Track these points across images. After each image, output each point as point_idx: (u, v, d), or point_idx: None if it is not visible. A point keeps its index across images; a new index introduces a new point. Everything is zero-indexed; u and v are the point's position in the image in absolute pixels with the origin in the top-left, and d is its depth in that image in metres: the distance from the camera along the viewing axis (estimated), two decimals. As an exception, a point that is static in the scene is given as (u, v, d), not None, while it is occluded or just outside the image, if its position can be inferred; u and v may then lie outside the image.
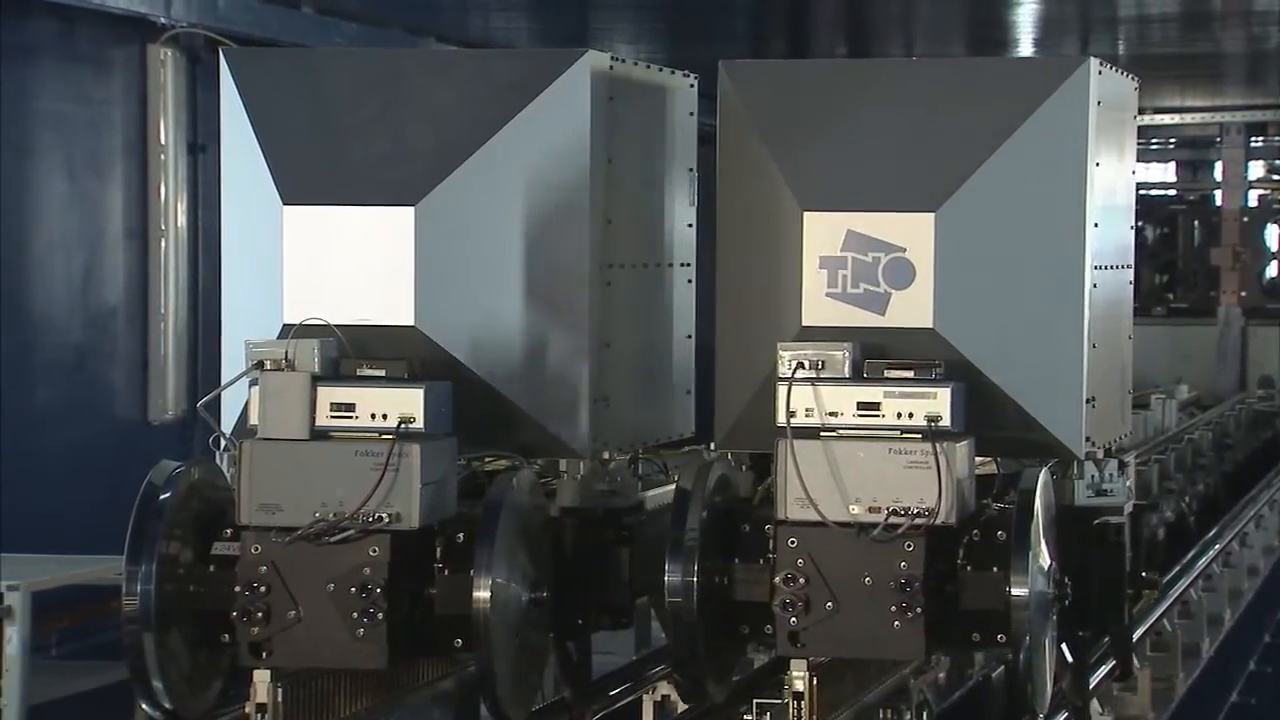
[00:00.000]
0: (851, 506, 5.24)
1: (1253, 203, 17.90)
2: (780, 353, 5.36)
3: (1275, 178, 18.36)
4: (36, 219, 9.37)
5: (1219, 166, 18.04)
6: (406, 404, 5.29)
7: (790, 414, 5.28)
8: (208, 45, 9.77)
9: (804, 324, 5.56)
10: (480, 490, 5.54)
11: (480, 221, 5.62)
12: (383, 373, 5.39)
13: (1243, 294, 17.31)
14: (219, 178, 5.87)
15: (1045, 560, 5.41)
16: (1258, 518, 11.43)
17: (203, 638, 5.38)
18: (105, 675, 7.70)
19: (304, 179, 5.65)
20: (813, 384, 5.32)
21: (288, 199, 5.64)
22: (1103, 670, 6.54)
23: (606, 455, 5.81)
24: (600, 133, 5.70)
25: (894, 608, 5.18)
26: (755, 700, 5.62)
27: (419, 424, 5.28)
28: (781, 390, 5.31)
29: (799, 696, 5.33)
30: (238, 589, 5.23)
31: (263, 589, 5.21)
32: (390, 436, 5.24)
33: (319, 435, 5.28)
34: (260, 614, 5.20)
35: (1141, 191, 18.35)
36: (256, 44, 9.59)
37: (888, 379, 5.34)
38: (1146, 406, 12.83)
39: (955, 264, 5.53)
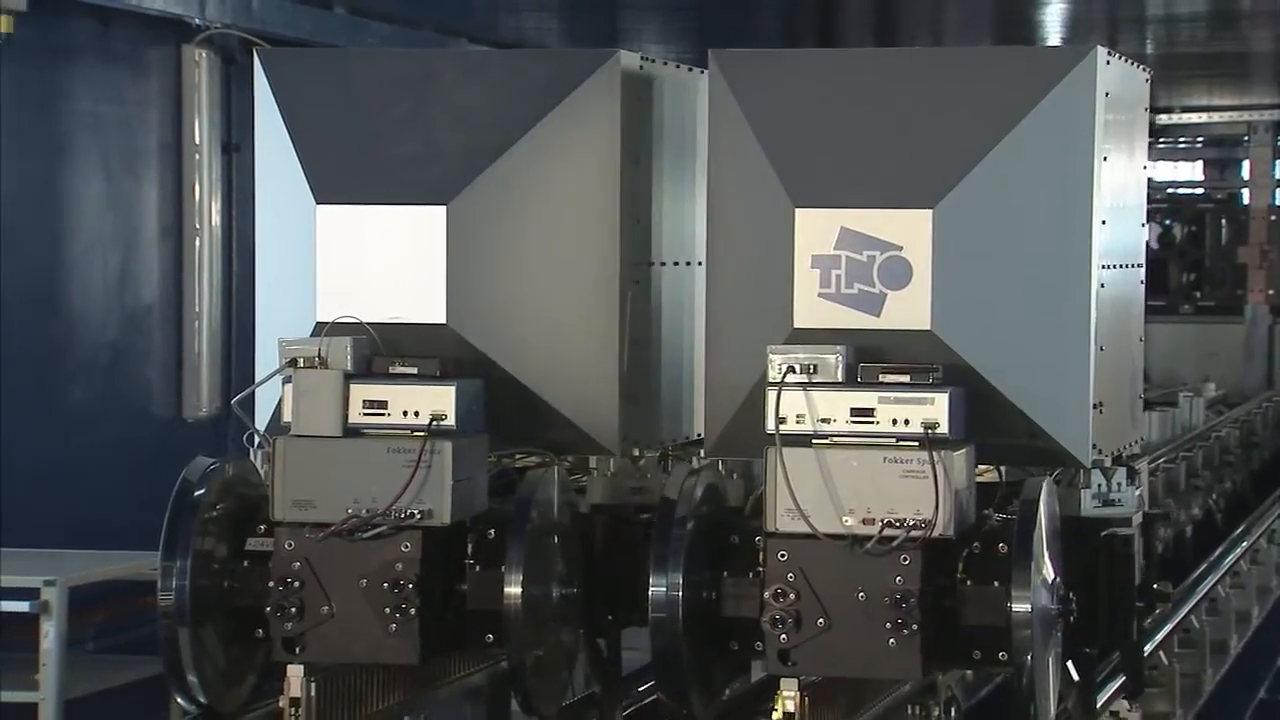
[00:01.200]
0: (845, 518, 4.94)
1: (1280, 201, 17.84)
2: (770, 356, 5.08)
3: (1303, 176, 18.28)
4: (73, 218, 9.40)
5: (1246, 165, 17.98)
6: (438, 401, 5.30)
7: (780, 420, 4.99)
8: (242, 46, 9.79)
9: (796, 326, 5.24)
10: (511, 487, 5.54)
11: (511, 220, 5.62)
12: (415, 370, 5.39)
13: (1270, 292, 17.24)
14: (253, 177, 5.89)
15: (1049, 574, 5.12)
16: (1285, 515, 11.39)
17: (237, 633, 5.40)
18: (141, 670, 7.71)
19: (337, 178, 5.65)
20: (804, 389, 5.02)
21: (321, 198, 5.65)
22: (1112, 687, 6.21)
23: (636, 452, 5.80)
24: (630, 132, 5.69)
25: (889, 624, 4.89)
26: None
27: (450, 421, 5.29)
28: (771, 395, 5.03)
29: (790, 717, 5.01)
30: (271, 585, 5.23)
31: (296, 585, 5.22)
32: (422, 434, 5.25)
33: (352, 432, 5.29)
34: (294, 609, 5.21)
35: (1169, 190, 18.51)
36: (290, 45, 9.61)
37: (883, 384, 5.02)
38: (1174, 404, 12.80)
39: (954, 263, 5.19)
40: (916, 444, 4.94)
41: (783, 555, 4.96)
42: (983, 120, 5.24)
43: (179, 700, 5.43)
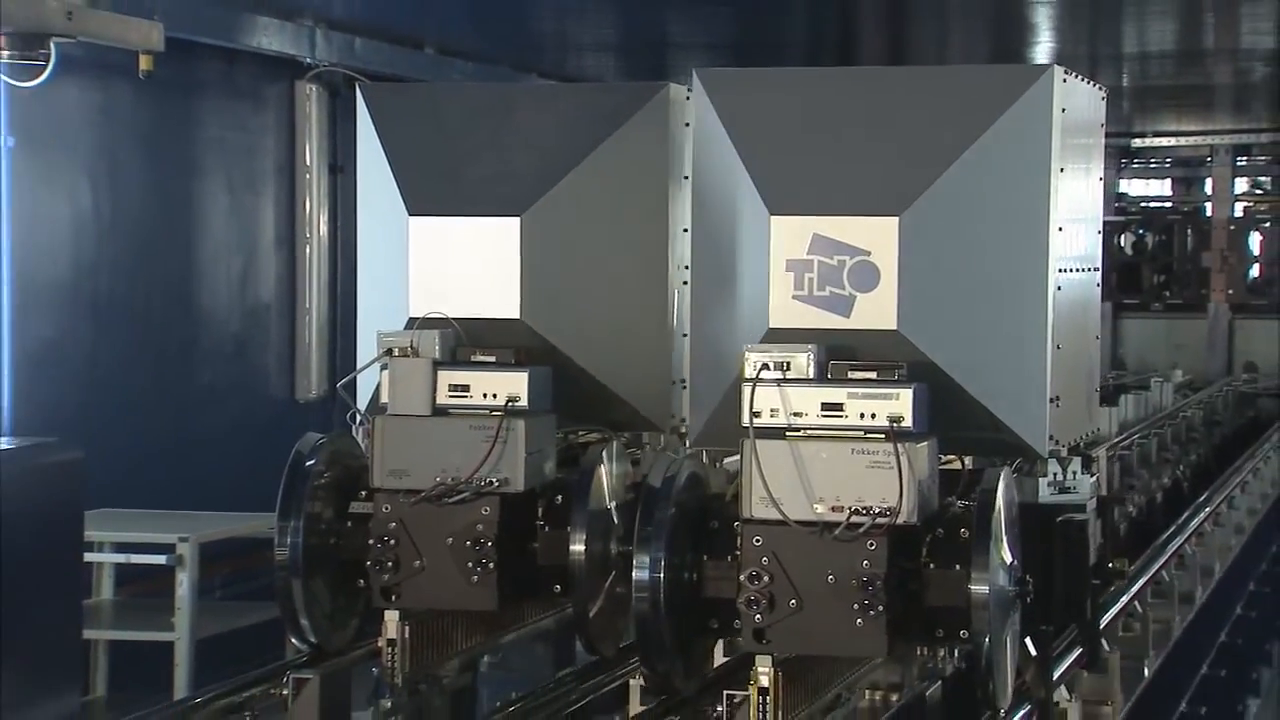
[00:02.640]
0: (816, 506, 4.57)
1: (1238, 213, 17.75)
2: (746, 354, 4.70)
3: (1258, 192, 18.20)
4: (203, 229, 9.44)
5: (1209, 182, 17.87)
6: (513, 385, 5.27)
7: (755, 414, 4.62)
8: (346, 81, 9.80)
9: (771, 326, 4.86)
10: (575, 459, 5.52)
11: (577, 229, 5.59)
12: (493, 359, 5.37)
13: (1230, 292, 17.18)
14: (355, 193, 5.88)
15: (1007, 557, 4.77)
16: (1243, 484, 11.27)
17: (342, 583, 5.39)
18: (261, 614, 7.74)
19: (427, 194, 5.63)
20: (779, 385, 4.64)
21: (413, 211, 5.63)
22: (1069, 659, 5.77)
23: (683, 430, 5.76)
24: (678, 153, 5.65)
25: (856, 605, 4.52)
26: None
27: (524, 402, 5.27)
28: (746, 391, 4.65)
29: (764, 691, 4.64)
30: (371, 542, 5.22)
31: (392, 542, 5.20)
32: (499, 413, 5.23)
33: (439, 412, 5.28)
34: (390, 563, 5.19)
35: (1142, 203, 18.36)
36: (387, 80, 9.62)
37: (851, 380, 4.64)
38: (1146, 388, 12.70)
39: (919, 267, 4.81)
40: (883, 436, 4.57)
41: (757, 540, 4.60)
42: (947, 134, 4.88)
43: (293, 640, 5.43)
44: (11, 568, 6.26)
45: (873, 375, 4.67)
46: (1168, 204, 18.46)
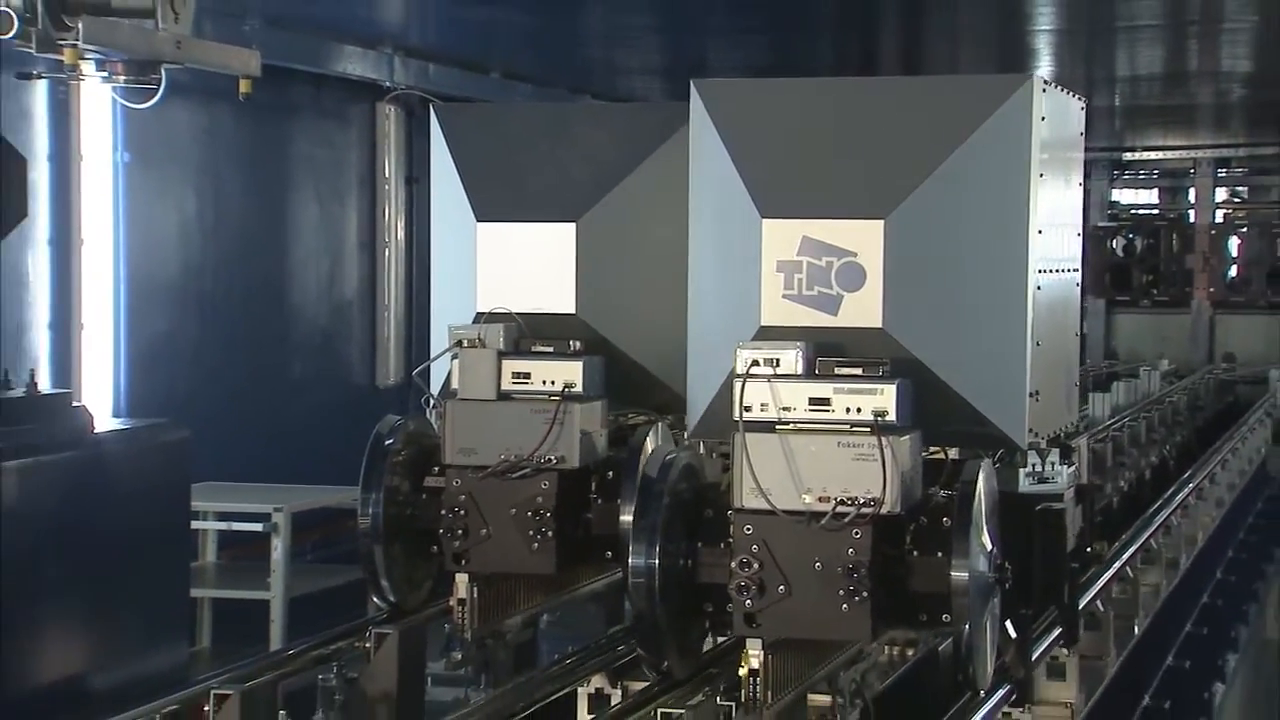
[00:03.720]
0: (804, 496, 4.30)
1: (1219, 220, 17.67)
2: (738, 351, 4.44)
3: (1236, 200, 18.08)
4: (294, 234, 9.47)
5: (1192, 191, 17.77)
6: (569, 373, 5.25)
7: (745, 409, 4.36)
8: (421, 102, 9.82)
9: (763, 324, 4.61)
10: (625, 439, 5.49)
11: (626, 233, 5.55)
12: (551, 349, 5.35)
13: (1211, 290, 17.14)
14: (429, 202, 5.86)
15: (987, 545, 4.50)
16: (1223, 462, 11.17)
17: (417, 548, 5.37)
18: (346, 576, 7.77)
19: (493, 202, 5.60)
20: (769, 380, 4.38)
21: (480, 217, 5.61)
22: (1048, 640, 5.46)
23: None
24: (717, 166, 5.61)
25: (842, 591, 4.26)
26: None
27: (579, 388, 5.24)
28: (737, 386, 4.39)
29: (754, 673, 4.38)
30: (443, 512, 5.20)
31: (462, 512, 5.17)
32: (557, 398, 5.20)
33: (503, 397, 5.25)
34: (460, 531, 5.17)
35: (1132, 210, 18.24)
36: (457, 100, 9.63)
37: (838, 376, 4.38)
38: (1136, 376, 12.62)
39: (904, 268, 4.53)
40: (867, 430, 4.31)
41: (748, 529, 4.32)
42: (931, 140, 4.59)
43: (374, 599, 5.43)
44: (128, 534, 6.29)
45: (858, 371, 4.41)
46: (1155, 211, 18.36)
